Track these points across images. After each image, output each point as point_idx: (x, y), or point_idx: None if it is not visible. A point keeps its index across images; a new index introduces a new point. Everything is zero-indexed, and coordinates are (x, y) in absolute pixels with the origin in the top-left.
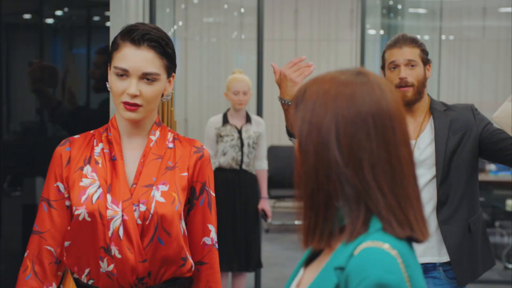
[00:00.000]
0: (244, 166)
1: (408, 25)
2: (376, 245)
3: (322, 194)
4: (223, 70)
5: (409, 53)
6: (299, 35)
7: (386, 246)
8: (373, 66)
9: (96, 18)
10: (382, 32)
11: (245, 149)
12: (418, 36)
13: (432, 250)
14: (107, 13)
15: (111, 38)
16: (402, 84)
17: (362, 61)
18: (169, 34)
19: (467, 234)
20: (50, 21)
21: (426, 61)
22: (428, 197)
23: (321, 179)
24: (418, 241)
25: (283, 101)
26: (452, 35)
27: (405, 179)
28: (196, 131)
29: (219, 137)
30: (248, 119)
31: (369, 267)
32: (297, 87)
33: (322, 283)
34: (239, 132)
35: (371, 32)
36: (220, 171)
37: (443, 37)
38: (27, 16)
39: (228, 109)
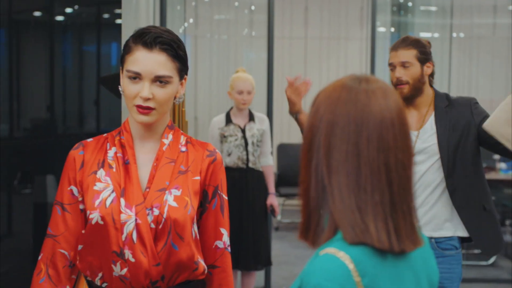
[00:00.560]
0: (250, 165)
1: (419, 23)
2: (330, 252)
3: (305, 194)
4: (233, 68)
5: (403, 55)
6: (309, 33)
7: (340, 253)
8: (383, 64)
9: (106, 16)
10: (392, 29)
11: (250, 147)
12: (429, 34)
13: (427, 226)
14: (117, 11)
15: (123, 36)
16: (398, 82)
17: (372, 59)
18: (180, 31)
19: (484, 213)
20: (60, 18)
21: (424, 60)
22: (428, 181)
23: (304, 178)
24: (390, 251)
25: (291, 115)
26: (463, 33)
27: (371, 186)
28: (206, 129)
29: (223, 137)
30: (251, 117)
31: (313, 273)
32: (297, 106)
33: (293, 285)
34: (243, 131)
35: (381, 29)
36: (227, 171)
37: (454, 34)
38: (37, 13)
39: (231, 108)
